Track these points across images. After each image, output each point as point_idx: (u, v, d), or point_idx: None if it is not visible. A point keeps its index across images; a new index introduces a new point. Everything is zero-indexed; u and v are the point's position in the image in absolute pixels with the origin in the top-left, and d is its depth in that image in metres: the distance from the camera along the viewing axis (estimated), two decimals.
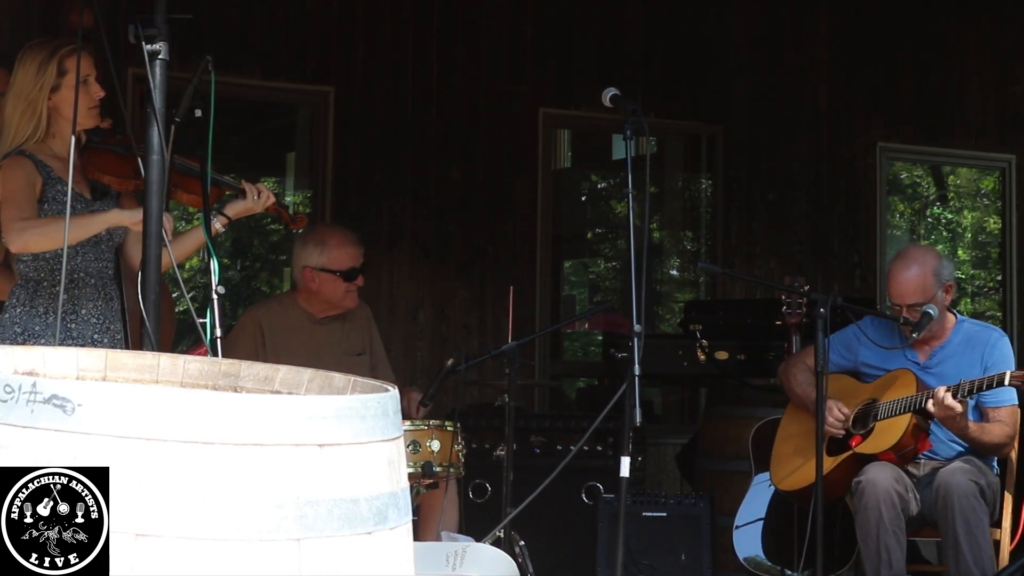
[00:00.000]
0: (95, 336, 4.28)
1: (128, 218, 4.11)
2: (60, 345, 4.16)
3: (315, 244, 5.78)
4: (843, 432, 5.38)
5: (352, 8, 7.74)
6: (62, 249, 4.14)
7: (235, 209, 4.45)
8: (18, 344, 4.14)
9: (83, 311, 4.28)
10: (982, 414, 5.35)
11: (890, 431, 5.27)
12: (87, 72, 4.24)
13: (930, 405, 5.12)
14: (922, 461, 5.39)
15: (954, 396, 5.07)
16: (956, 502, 5.07)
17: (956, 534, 5.06)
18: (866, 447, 5.30)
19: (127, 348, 4.32)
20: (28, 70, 4.24)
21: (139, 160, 3.63)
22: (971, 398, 5.19)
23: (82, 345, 4.21)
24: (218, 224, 4.41)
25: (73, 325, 4.26)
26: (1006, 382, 5.04)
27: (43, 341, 4.17)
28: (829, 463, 5.28)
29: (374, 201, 7.76)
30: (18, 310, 4.24)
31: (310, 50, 7.70)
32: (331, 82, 7.70)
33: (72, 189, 4.24)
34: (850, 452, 5.32)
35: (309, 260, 5.77)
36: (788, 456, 5.57)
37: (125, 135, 4.29)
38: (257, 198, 4.43)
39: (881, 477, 5.12)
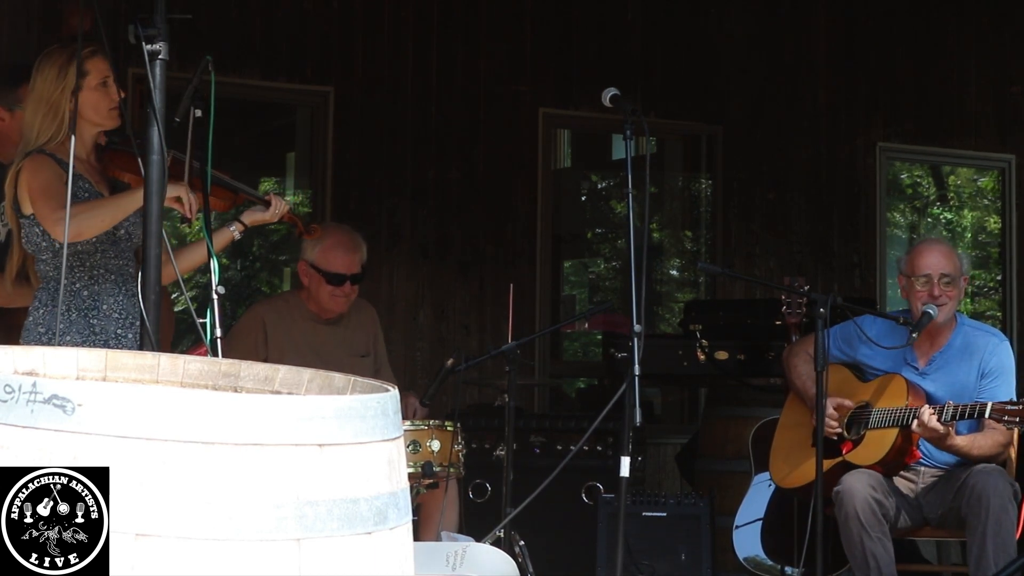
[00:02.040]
0: (119, 331, 4.31)
1: (166, 192, 4.15)
2: (84, 342, 4.21)
3: (314, 239, 5.79)
4: (838, 433, 5.36)
5: (352, 8, 7.73)
6: (80, 245, 4.24)
7: (252, 217, 4.56)
8: (44, 344, 4.17)
9: (104, 306, 4.32)
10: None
11: (878, 445, 5.25)
12: (106, 74, 4.30)
13: (915, 425, 5.09)
14: (922, 469, 5.36)
15: (939, 419, 5.04)
16: (992, 503, 5.03)
17: (985, 534, 5.02)
18: (855, 457, 5.29)
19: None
20: (48, 74, 4.31)
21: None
22: (954, 423, 5.12)
23: (106, 340, 4.27)
24: (236, 231, 4.49)
25: (96, 321, 4.29)
26: (987, 414, 4.98)
27: (68, 339, 4.21)
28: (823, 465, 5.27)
29: (374, 201, 7.76)
30: (41, 311, 4.28)
31: (310, 50, 7.70)
32: (331, 82, 7.70)
33: (93, 188, 4.35)
34: (840, 459, 5.31)
35: (305, 253, 5.79)
36: (787, 452, 5.57)
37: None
38: (277, 210, 4.55)
39: (857, 486, 5.10)
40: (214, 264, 3.96)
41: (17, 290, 4.53)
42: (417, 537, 4.16)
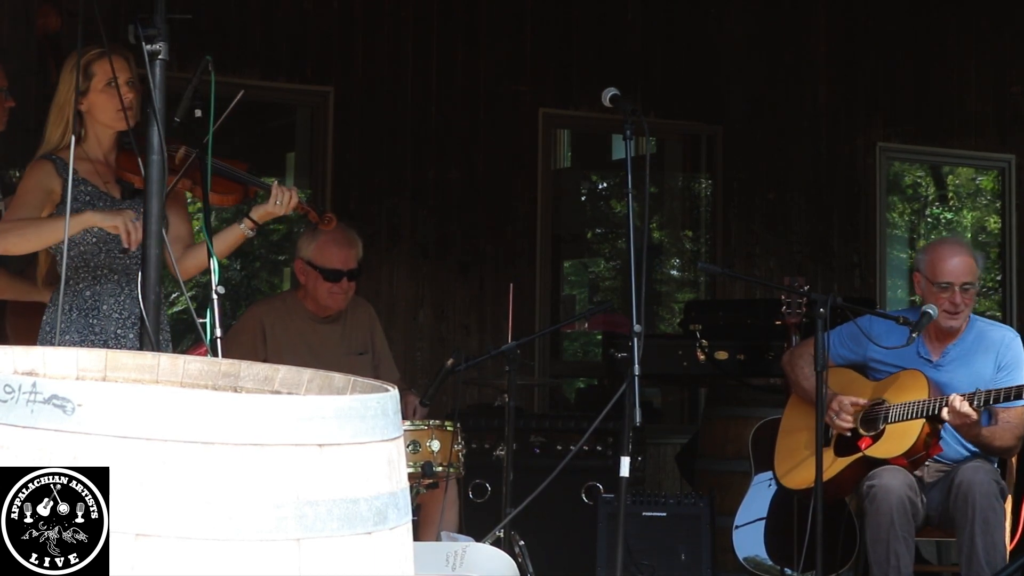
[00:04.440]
0: (118, 331, 4.32)
1: (101, 219, 4.16)
2: (83, 342, 4.24)
3: (310, 235, 5.79)
4: (851, 429, 5.34)
5: (352, 8, 7.74)
6: (84, 246, 4.27)
7: (259, 212, 4.49)
8: (50, 343, 4.20)
9: (104, 307, 4.33)
10: (991, 414, 5.29)
11: (903, 436, 5.21)
12: (110, 75, 4.28)
13: (945, 412, 5.07)
14: (928, 465, 5.36)
15: (970, 404, 5.05)
16: (977, 501, 5.03)
17: (973, 533, 5.02)
18: (877, 451, 5.25)
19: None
20: (64, 78, 4.35)
21: (168, 160, 3.68)
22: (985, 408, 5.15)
23: (105, 340, 4.28)
24: (246, 228, 4.45)
25: (95, 321, 4.31)
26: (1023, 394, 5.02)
27: (67, 338, 4.23)
28: (838, 463, 5.25)
29: (374, 201, 7.76)
30: (50, 309, 4.34)
31: (310, 50, 7.70)
32: (331, 82, 7.70)
33: (99, 189, 4.38)
34: (860, 454, 5.29)
35: (301, 250, 5.78)
36: (792, 452, 5.55)
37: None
38: (281, 200, 4.44)
39: (895, 484, 5.08)
40: (214, 264, 3.95)
41: (48, 289, 4.56)
42: (417, 537, 4.16)
